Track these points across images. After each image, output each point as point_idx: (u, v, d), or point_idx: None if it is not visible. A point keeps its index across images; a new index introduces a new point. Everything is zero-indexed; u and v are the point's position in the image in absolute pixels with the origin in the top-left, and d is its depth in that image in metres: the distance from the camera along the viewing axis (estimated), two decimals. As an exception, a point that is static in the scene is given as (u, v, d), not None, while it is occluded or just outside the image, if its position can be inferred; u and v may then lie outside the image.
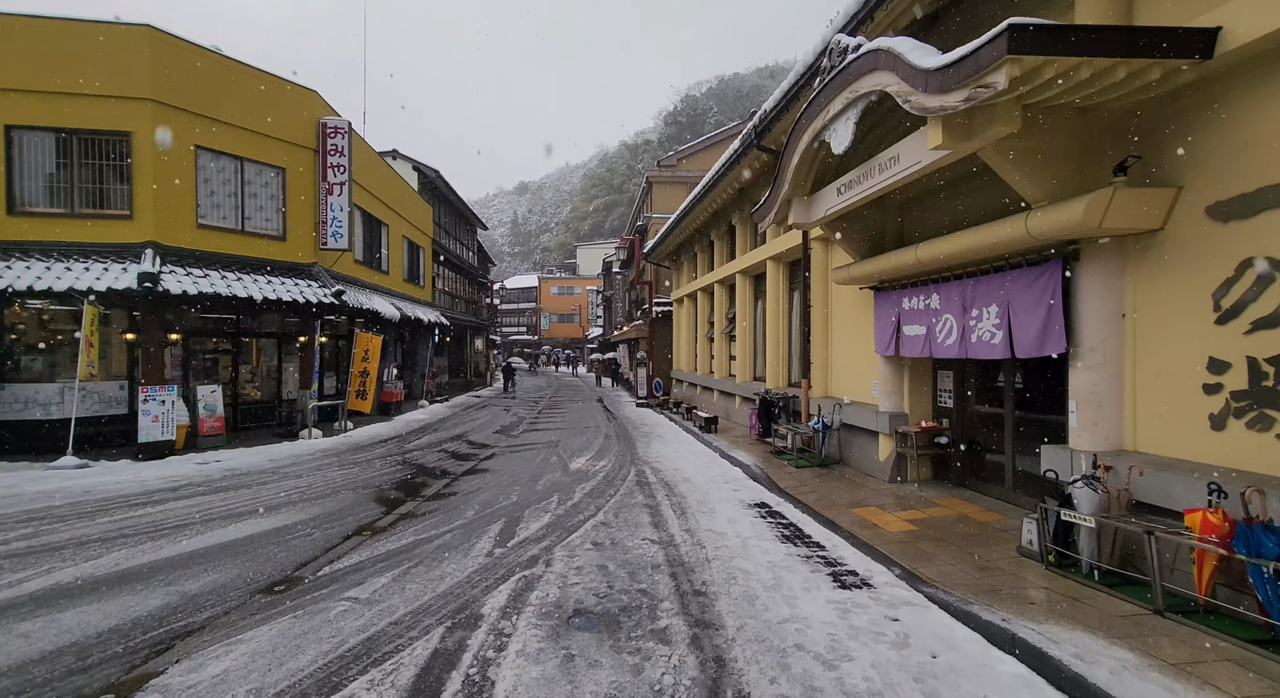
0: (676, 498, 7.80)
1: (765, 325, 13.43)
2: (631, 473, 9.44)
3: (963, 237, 5.89)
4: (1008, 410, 6.77)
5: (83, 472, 9.31)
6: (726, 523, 6.63)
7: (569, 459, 10.67)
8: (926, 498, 7.25)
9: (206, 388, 11.90)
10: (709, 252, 18.64)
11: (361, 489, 8.25)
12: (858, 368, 9.43)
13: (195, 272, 11.37)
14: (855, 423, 9.01)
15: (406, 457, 11.04)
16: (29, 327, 11.27)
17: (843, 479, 8.51)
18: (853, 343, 9.56)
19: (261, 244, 12.88)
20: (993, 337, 5.93)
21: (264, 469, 9.73)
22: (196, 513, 6.96)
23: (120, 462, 10.03)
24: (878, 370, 8.52)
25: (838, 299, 10.13)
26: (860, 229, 8.17)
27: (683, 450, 11.72)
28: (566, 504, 7.42)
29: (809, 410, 10.57)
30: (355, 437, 13.38)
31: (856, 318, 9.35)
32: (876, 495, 7.51)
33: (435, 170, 25.39)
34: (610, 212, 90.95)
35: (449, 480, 8.87)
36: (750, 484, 8.76)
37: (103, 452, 10.70)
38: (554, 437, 13.64)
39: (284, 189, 13.24)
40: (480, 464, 10.27)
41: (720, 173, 12.93)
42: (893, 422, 8.01)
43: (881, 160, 6.11)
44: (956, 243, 5.97)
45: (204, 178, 11.92)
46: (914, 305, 7.28)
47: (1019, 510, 6.43)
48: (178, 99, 11.28)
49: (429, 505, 7.36)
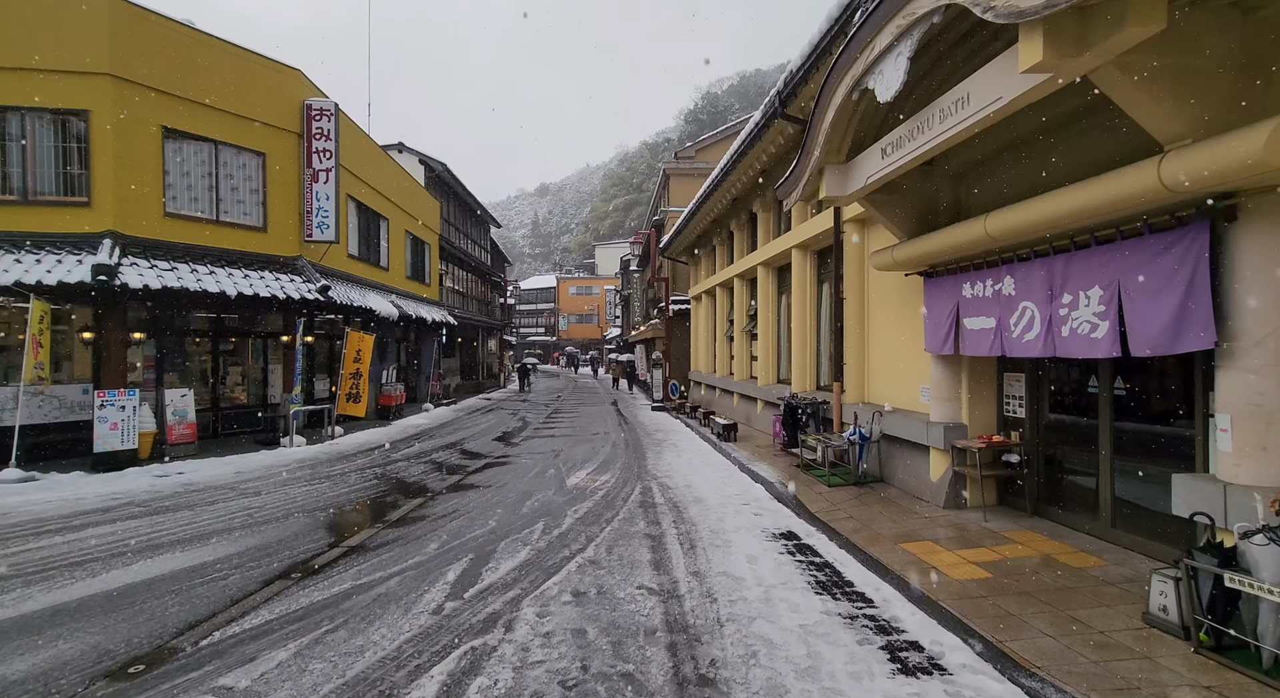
0: (686, 525, 6.50)
1: (790, 322, 12.06)
2: (636, 491, 8.16)
3: (1055, 199, 4.51)
4: (1103, 422, 5.35)
5: (22, 487, 8.30)
6: (745, 563, 5.32)
7: (568, 473, 9.43)
8: (994, 531, 5.85)
9: (176, 392, 10.88)
10: (728, 244, 17.30)
11: (319, 512, 7.09)
12: (901, 370, 8.04)
13: (161, 265, 10.36)
14: (899, 435, 7.63)
15: (389, 469, 9.90)
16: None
17: (885, 502, 7.14)
18: (895, 340, 8.18)
19: (239, 236, 11.86)
20: (1093, 329, 4.53)
21: (223, 484, 8.64)
22: (109, 544, 5.84)
23: (72, 475, 9.03)
24: (928, 373, 7.14)
25: (877, 289, 8.75)
26: (908, 201, 6.80)
27: (697, 462, 10.41)
28: (552, 534, 6.17)
29: (841, 418, 9.20)
30: (341, 445, 12.30)
31: (900, 311, 7.96)
32: (930, 526, 6.13)
33: (443, 164, 24.40)
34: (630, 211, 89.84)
35: (424, 500, 7.69)
36: (774, 507, 7.43)
37: (57, 463, 9.72)
38: (557, 445, 12.42)
39: (264, 176, 12.22)
40: (467, 478, 9.08)
41: (740, 151, 11.60)
42: (947, 435, 6.62)
43: (944, 105, 4.75)
44: (1046, 207, 4.59)
45: (173, 163, 10.93)
46: (979, 293, 5.89)
47: (1122, 553, 5.02)
48: (141, 75, 10.30)
49: (388, 535, 6.16)
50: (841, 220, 9.22)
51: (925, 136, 5.04)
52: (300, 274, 12.55)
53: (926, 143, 5.02)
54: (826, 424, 9.91)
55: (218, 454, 10.84)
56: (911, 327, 7.62)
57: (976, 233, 5.38)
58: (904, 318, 7.87)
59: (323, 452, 11.49)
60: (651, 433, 14.35)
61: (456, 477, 9.18)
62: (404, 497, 7.90)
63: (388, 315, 16.12)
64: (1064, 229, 4.71)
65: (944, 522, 6.24)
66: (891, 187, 6.66)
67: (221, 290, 10.76)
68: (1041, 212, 4.63)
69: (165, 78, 10.61)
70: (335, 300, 12.76)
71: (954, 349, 6.35)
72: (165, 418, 10.67)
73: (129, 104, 10.13)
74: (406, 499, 7.74)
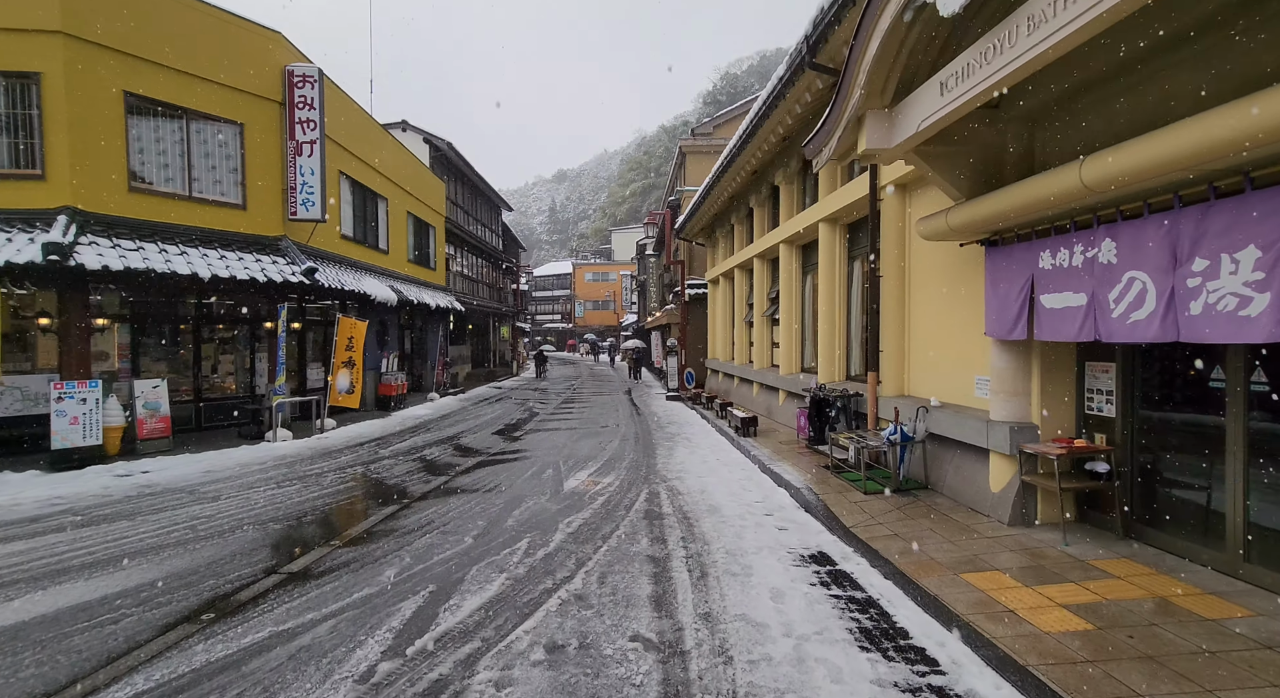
0: (696, 544, 5.46)
1: (818, 305, 10.89)
2: (642, 498, 7.13)
3: (1194, 127, 3.31)
4: (1234, 424, 4.16)
5: (-37, 489, 7.51)
6: (768, 600, 4.26)
7: (568, 474, 8.43)
8: (1080, 559, 4.71)
9: (147, 383, 10.06)
10: (746, 223, 16.08)
11: (275, 523, 6.16)
12: (951, 358, 6.87)
13: (125, 244, 9.49)
14: (949, 435, 6.48)
15: (372, 468, 8.98)
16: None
17: (935, 516, 6.01)
18: (943, 324, 7.00)
19: (216, 213, 10.95)
20: (1244, 304, 3.36)
21: (184, 487, 7.78)
22: (7, 568, 4.95)
23: (26, 474, 8.23)
24: (986, 362, 5.98)
25: (921, 264, 7.57)
26: (967, 153, 5.60)
27: (712, 461, 9.35)
28: (536, 556, 5.16)
29: (876, 413, 8.06)
30: (330, 439, 11.44)
31: (951, 288, 6.78)
32: (995, 549, 5.01)
33: (448, 142, 23.38)
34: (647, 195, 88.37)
35: (400, 508, 6.73)
36: (800, 518, 6.35)
37: (13, 461, 8.94)
38: (561, 440, 11.43)
39: (242, 148, 11.29)
40: (454, 480, 8.12)
41: (761, 114, 10.39)
42: (1014, 436, 5.46)
43: (1034, 11, 3.56)
44: (1180, 140, 3.39)
45: (138, 132, 10.02)
46: (1064, 262, 4.71)
47: (1266, 598, 3.87)
48: (100, 35, 9.36)
49: (342, 556, 5.19)
50: (878, 185, 8.01)
51: (1005, 58, 3.85)
52: (284, 255, 11.64)
53: (1006, 66, 3.83)
54: (859, 419, 8.77)
55: (195, 450, 10.01)
56: (966, 307, 6.44)
57: (1067, 184, 4.19)
58: (956, 297, 6.69)
59: (307, 447, 10.63)
60: (664, 426, 13.30)
61: (443, 478, 8.22)
62: (377, 504, 6.95)
63: (385, 300, 15.21)
64: (1206, 169, 3.51)
65: (1012, 543, 5.11)
66: (947, 135, 5.48)
67: (194, 272, 9.87)
68: (1172, 147, 3.43)
69: (127, 38, 9.66)
70: (322, 284, 11.84)
71: (1025, 333, 5.18)
72: (135, 411, 9.86)
73: (86, 67, 9.22)
74: (379, 507, 6.79)
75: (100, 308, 10.36)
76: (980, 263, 6.00)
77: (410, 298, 17.19)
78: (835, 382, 10.07)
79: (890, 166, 7.71)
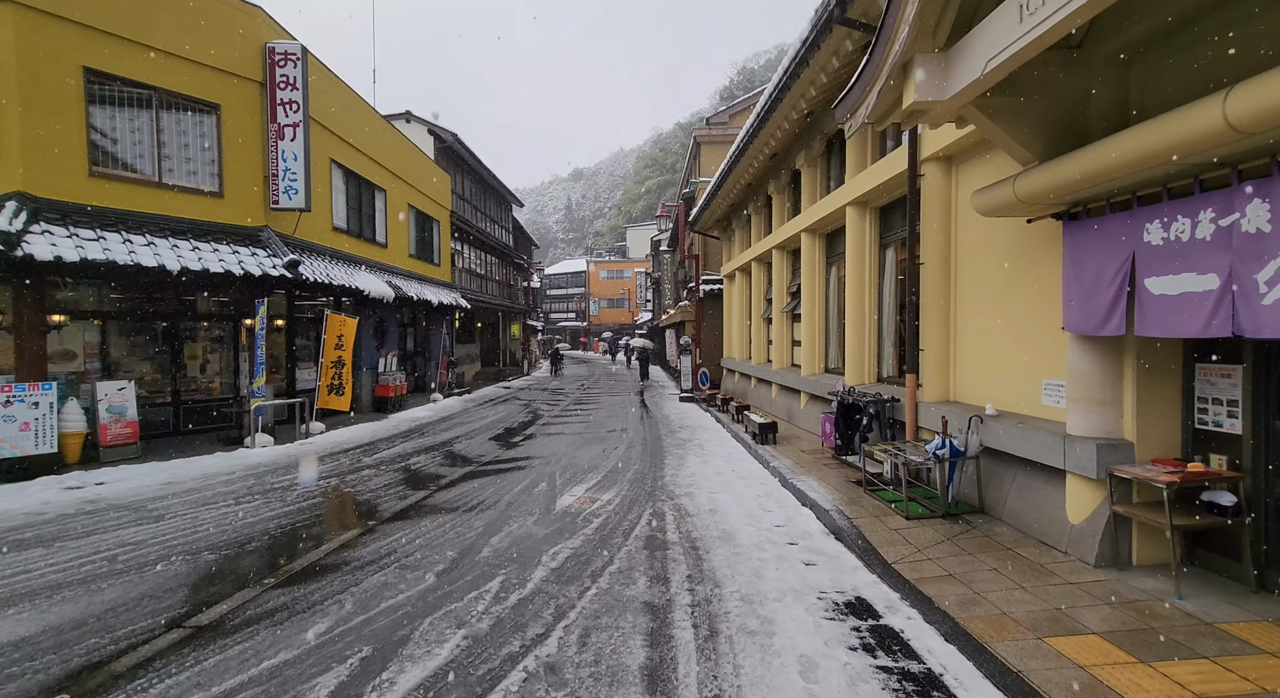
0: (705, 587, 4.45)
1: (844, 298, 9.82)
2: (644, 520, 6.14)
3: None
4: None
5: (-112, 504, 6.73)
6: (797, 676, 3.25)
7: (563, 488, 7.47)
8: (1204, 619, 3.63)
9: (112, 385, 9.27)
10: (765, 212, 15.01)
11: (209, 554, 5.25)
12: (1010, 358, 5.79)
13: (83, 233, 8.68)
14: (1011, 450, 5.40)
15: (347, 480, 8.09)
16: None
17: (998, 550, 4.94)
18: (1001, 316, 5.92)
19: (190, 201, 10.14)
20: None
21: (133, 502, 6.93)
22: None
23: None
24: (1059, 362, 4.91)
25: (971, 248, 6.49)
26: (1041, 105, 4.52)
27: (727, 474, 8.33)
28: (508, 601, 4.20)
29: (916, 421, 6.99)
30: (315, 445, 10.60)
31: (1012, 275, 5.70)
32: (1084, 599, 3.94)
33: (453, 134, 22.55)
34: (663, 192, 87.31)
35: (360, 533, 5.80)
36: (831, 548, 5.31)
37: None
38: (562, 446, 10.48)
39: (219, 132, 10.46)
40: (434, 496, 7.19)
41: (781, 85, 9.32)
42: (1101, 456, 4.38)
43: None
44: None
45: (100, 112, 9.22)
46: (1182, 234, 3.62)
47: None
48: (57, 5, 8.56)
49: (269, 601, 4.26)
50: (918, 159, 6.93)
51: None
52: (265, 247, 10.81)
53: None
54: (895, 427, 7.70)
55: (164, 457, 9.21)
56: (1031, 297, 5.36)
57: (1203, 125, 3.11)
58: (1018, 285, 5.61)
59: (286, 455, 9.78)
60: (675, 430, 12.29)
61: (422, 493, 7.29)
62: (338, 526, 6.03)
63: (381, 296, 14.37)
64: None
65: (1104, 593, 4.03)
66: (1017, 83, 4.40)
67: (160, 265, 9.06)
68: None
69: (88, 9, 8.86)
70: (307, 278, 11.00)
71: (1121, 327, 4.10)
72: (97, 415, 9.07)
73: (39, 39, 8.42)
74: (339, 531, 5.86)
75: (65, 304, 9.60)
76: (1054, 241, 4.92)
77: (410, 294, 16.35)
78: (866, 383, 9.00)
79: (934, 135, 6.63)
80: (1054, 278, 5.03)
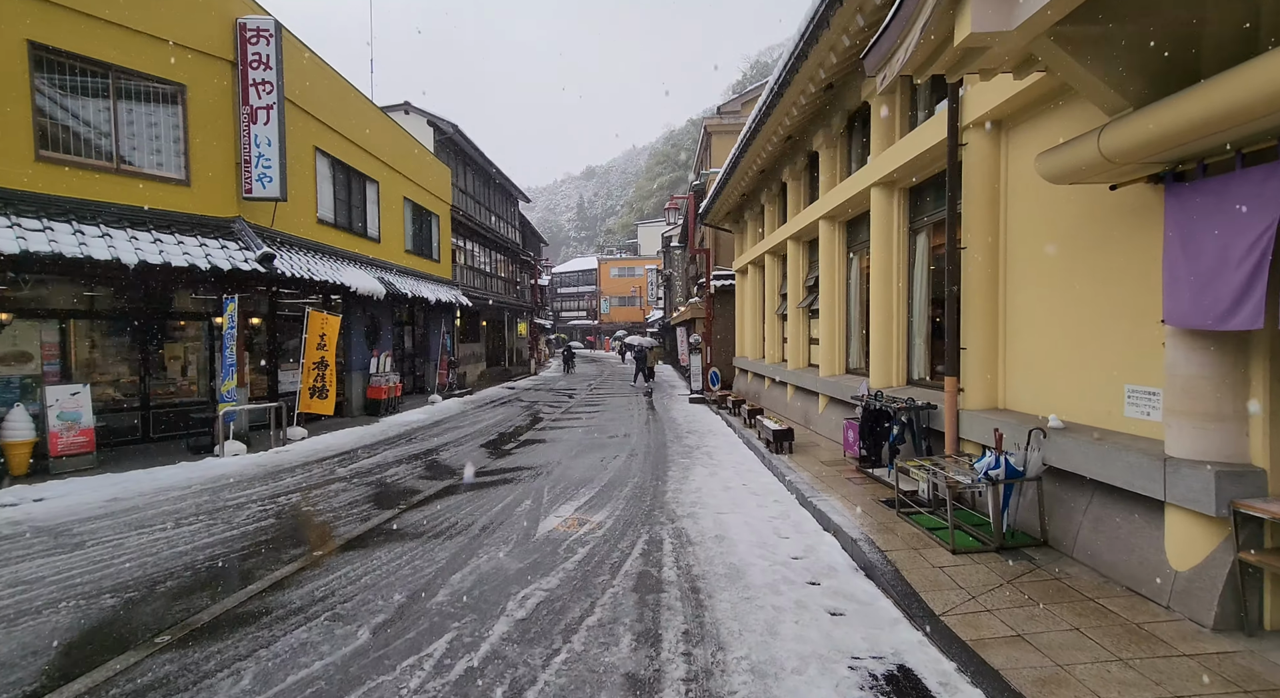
0: (705, 650, 3.51)
1: (868, 291, 8.81)
2: (638, 550, 5.20)
3: None
4: None
5: None
6: (830, 812, 2.30)
7: (550, 507, 6.56)
8: (1393, 722, 2.62)
9: (64, 389, 8.49)
10: (779, 201, 14.00)
11: (109, 597, 4.38)
12: (1081, 357, 4.77)
13: (27, 223, 7.90)
14: (1086, 472, 4.38)
15: (311, 496, 7.23)
16: None
17: (1076, 600, 3.93)
18: (1068, 307, 4.90)
19: (153, 190, 9.34)
20: None
21: (62, 524, 6.11)
22: None
23: (-111, 502, 6.70)
24: (1156, 364, 3.90)
25: (1023, 227, 5.48)
26: (1136, 35, 3.51)
27: (736, 488, 7.37)
28: (452, 671, 3.28)
29: (957, 432, 5.99)
30: (289, 454, 9.77)
31: (1083, 256, 4.68)
32: (1210, 684, 2.94)
33: (454, 125, 21.72)
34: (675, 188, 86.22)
35: (299, 567, 4.91)
36: (862, 591, 4.35)
37: (-109, 483, 7.44)
38: (558, 454, 9.58)
39: (185, 115, 9.65)
40: (400, 517, 6.30)
41: (798, 52, 8.31)
42: (1223, 486, 3.37)
43: None
44: None
45: (48, 92, 8.43)
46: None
47: None
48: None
49: (150, 672, 3.37)
50: (960, 123, 5.92)
51: None
52: (236, 239, 9.99)
53: None
54: (932, 439, 6.70)
55: (121, 468, 8.44)
56: (1112, 282, 4.36)
57: None
58: (1088, 268, 4.60)
59: (255, 465, 8.95)
60: (682, 436, 11.34)
61: (388, 514, 6.40)
62: (274, 560, 5.13)
63: (371, 293, 13.54)
64: None
65: (1240, 674, 3.02)
66: (1108, 3, 3.41)
67: (115, 257, 8.25)
68: None
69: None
70: (283, 272, 10.17)
71: (1259, 318, 3.08)
72: (47, 422, 8.30)
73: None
74: (273, 565, 4.97)
75: (18, 302, 8.87)
76: (1144, 213, 3.92)
77: (404, 291, 15.52)
78: (894, 387, 8.00)
79: (978, 95, 5.63)
80: (1141, 258, 4.02)
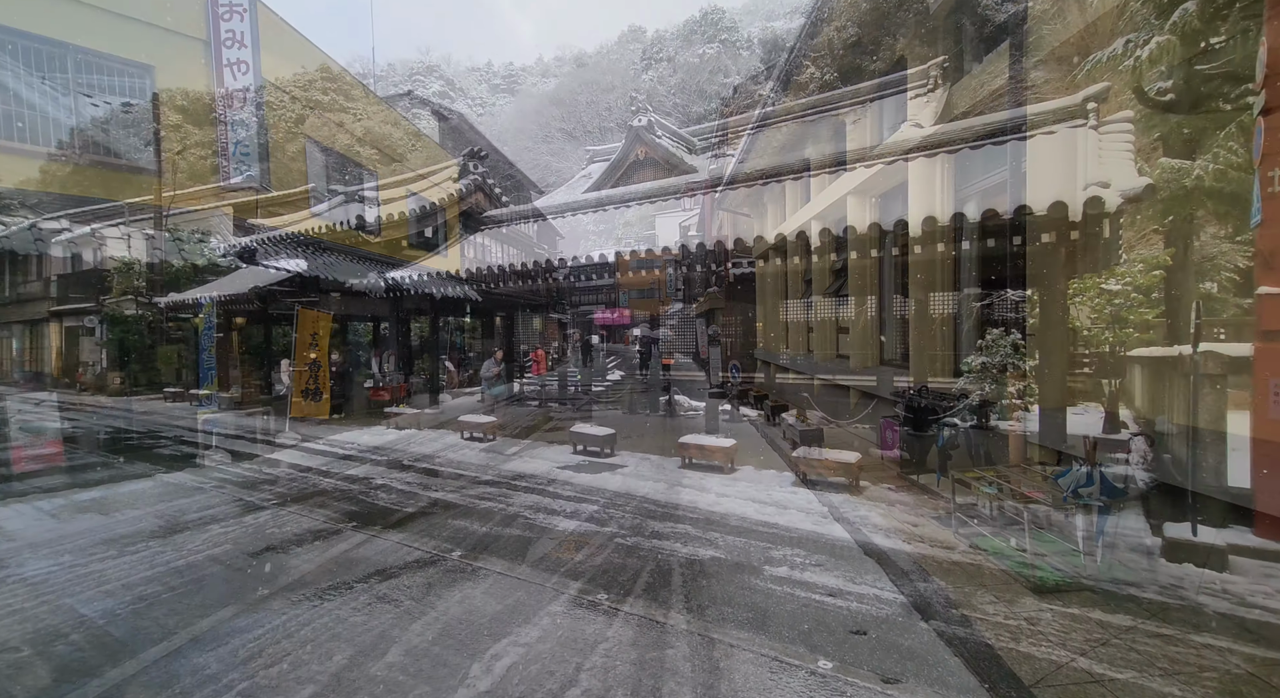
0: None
1: (906, 275, 7.80)
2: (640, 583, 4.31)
3: None
4: None
5: None
6: None
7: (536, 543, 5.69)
8: None
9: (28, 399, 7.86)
10: (802, 179, 12.94)
11: None
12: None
13: None
14: (1221, 495, 3.38)
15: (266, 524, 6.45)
16: None
17: (1206, 662, 2.96)
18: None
19: (119, 180, 8.67)
20: None
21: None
22: None
23: None
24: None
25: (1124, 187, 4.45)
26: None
27: (757, 498, 6.43)
28: None
29: (1025, 438, 4.99)
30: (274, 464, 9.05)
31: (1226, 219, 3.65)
32: None
33: (459, 114, 20.92)
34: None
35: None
36: (922, 648, 3.41)
37: None
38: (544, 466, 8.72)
39: (154, 98, 8.95)
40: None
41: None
42: None
43: None
44: None
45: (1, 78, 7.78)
46: None
47: None
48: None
49: None
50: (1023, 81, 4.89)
51: None
52: (213, 233, 9.28)
53: None
54: (991, 442, 5.70)
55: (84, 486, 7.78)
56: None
57: None
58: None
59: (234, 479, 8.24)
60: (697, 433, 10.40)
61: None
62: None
63: (368, 289, 12.83)
64: None
65: None
66: None
67: (76, 253, 7.58)
68: None
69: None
70: (268, 267, 9.45)
71: None
72: (7, 436, 7.67)
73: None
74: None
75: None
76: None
77: (408, 287, 14.78)
78: (937, 381, 7.00)
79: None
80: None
